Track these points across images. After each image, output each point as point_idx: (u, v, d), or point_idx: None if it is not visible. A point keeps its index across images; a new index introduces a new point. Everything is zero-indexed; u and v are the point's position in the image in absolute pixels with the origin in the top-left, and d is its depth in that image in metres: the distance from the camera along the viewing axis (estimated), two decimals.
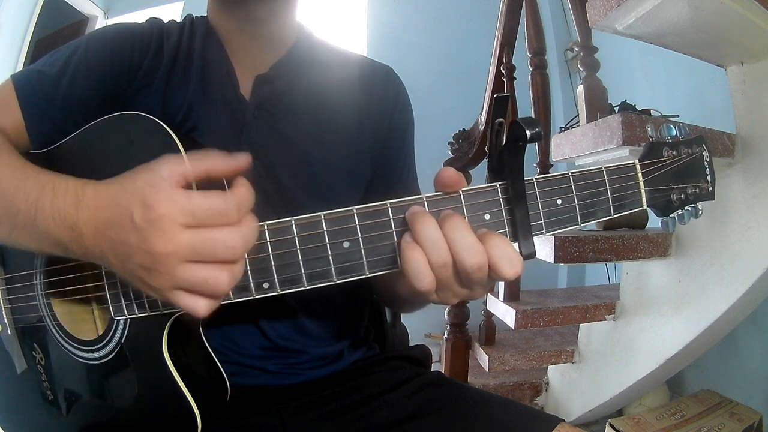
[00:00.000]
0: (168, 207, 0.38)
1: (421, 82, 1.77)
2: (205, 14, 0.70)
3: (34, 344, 0.63)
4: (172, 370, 0.52)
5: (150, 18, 0.69)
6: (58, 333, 0.60)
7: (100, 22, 3.07)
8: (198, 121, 0.64)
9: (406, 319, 0.89)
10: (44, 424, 0.65)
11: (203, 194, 0.39)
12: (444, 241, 0.41)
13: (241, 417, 0.64)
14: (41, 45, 2.71)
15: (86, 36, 0.65)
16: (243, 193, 0.41)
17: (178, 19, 0.71)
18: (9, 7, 2.54)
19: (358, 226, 0.44)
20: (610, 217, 0.47)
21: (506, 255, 0.41)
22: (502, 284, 1.59)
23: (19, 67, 2.62)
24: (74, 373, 0.60)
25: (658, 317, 1.44)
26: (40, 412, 0.64)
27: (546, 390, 1.91)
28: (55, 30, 2.88)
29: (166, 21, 0.69)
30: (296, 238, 0.45)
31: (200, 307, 0.41)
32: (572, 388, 1.78)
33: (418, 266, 0.41)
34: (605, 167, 0.46)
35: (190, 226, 0.39)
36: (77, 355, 0.58)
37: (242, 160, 0.43)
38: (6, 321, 0.63)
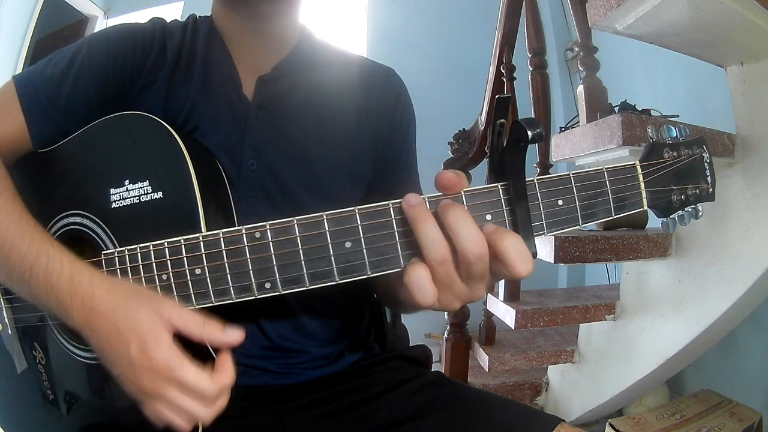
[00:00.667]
0: (162, 365, 0.44)
1: (421, 82, 1.77)
2: (208, 14, 0.70)
3: (35, 344, 0.63)
4: None
5: (152, 18, 0.69)
6: (59, 332, 0.60)
7: (100, 22, 3.07)
8: (200, 121, 0.64)
9: (406, 319, 0.89)
10: (44, 424, 0.65)
11: (195, 371, 0.45)
12: (443, 237, 0.42)
13: (242, 417, 0.64)
14: (41, 45, 2.70)
15: (89, 37, 0.65)
16: (225, 381, 0.47)
17: (179, 19, 0.71)
18: (9, 7, 2.54)
19: (360, 226, 0.44)
20: (610, 218, 0.47)
21: (522, 252, 0.41)
22: (502, 284, 1.59)
23: (19, 67, 2.62)
24: (75, 373, 0.60)
25: (658, 317, 1.44)
26: (41, 412, 0.64)
27: (546, 390, 1.91)
28: (55, 30, 2.88)
29: (168, 21, 0.69)
30: (298, 238, 0.45)
31: (159, 424, 0.47)
32: (572, 388, 1.78)
33: (422, 281, 0.42)
34: (606, 168, 0.46)
35: (173, 387, 0.45)
36: (78, 355, 0.58)
37: (235, 337, 0.48)
38: (6, 320, 0.63)
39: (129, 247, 0.51)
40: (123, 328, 0.45)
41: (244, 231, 0.47)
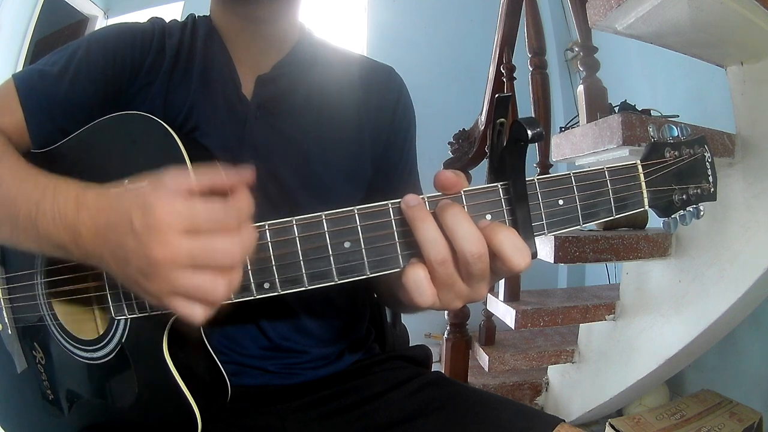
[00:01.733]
0: (167, 212, 0.38)
1: (421, 82, 1.77)
2: (207, 14, 0.70)
3: (35, 344, 0.63)
4: (172, 370, 0.52)
5: (152, 17, 0.69)
6: (59, 332, 0.60)
7: (100, 22, 3.07)
8: (199, 120, 0.64)
9: (406, 319, 0.89)
10: (44, 424, 0.65)
11: (203, 201, 0.39)
12: (442, 238, 0.41)
13: (242, 417, 0.64)
14: (41, 45, 2.70)
15: (87, 36, 0.65)
16: (243, 201, 0.41)
17: (179, 19, 0.71)
18: (9, 7, 2.53)
19: (359, 227, 0.44)
20: (611, 218, 0.47)
21: (517, 246, 0.41)
22: (502, 284, 1.59)
23: (19, 67, 2.62)
24: (74, 373, 0.60)
25: (658, 317, 1.44)
26: (41, 412, 0.64)
27: (546, 390, 1.91)
28: (55, 30, 2.88)
29: (167, 20, 0.69)
30: (297, 238, 0.45)
31: (197, 313, 0.41)
32: (572, 388, 1.78)
33: (420, 282, 0.42)
34: (607, 167, 0.46)
35: (189, 232, 0.39)
36: (78, 355, 0.58)
37: (246, 172, 0.43)
38: (6, 320, 0.63)
39: None
40: (126, 204, 0.40)
41: None
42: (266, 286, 0.46)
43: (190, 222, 0.38)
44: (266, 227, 0.45)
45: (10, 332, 0.63)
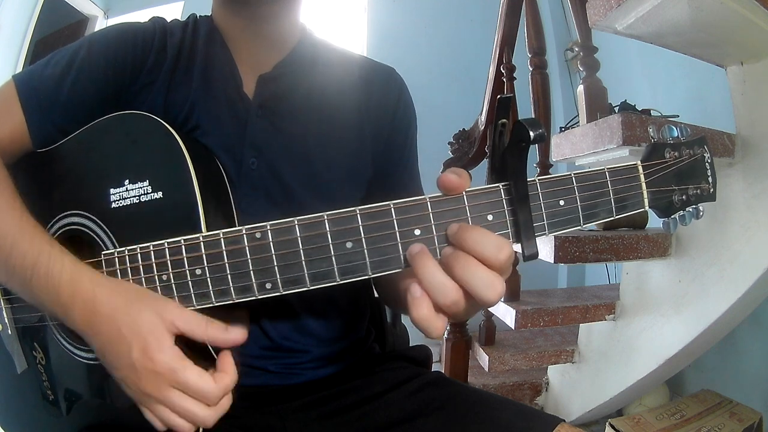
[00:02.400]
0: (165, 367, 0.45)
1: (421, 82, 1.77)
2: (208, 14, 0.70)
3: (35, 344, 0.63)
4: None
5: (153, 17, 0.69)
6: (59, 333, 0.60)
7: (100, 22, 3.07)
8: (200, 119, 0.64)
9: (406, 319, 0.89)
10: (44, 424, 0.65)
11: (198, 373, 0.45)
12: (449, 280, 0.41)
13: (242, 417, 0.64)
14: (41, 45, 2.70)
15: (88, 36, 0.65)
16: (228, 382, 0.48)
17: (179, 19, 0.71)
18: (9, 7, 2.53)
19: (361, 227, 0.44)
20: (612, 218, 0.47)
21: (489, 241, 0.41)
22: None
23: (19, 67, 2.62)
24: (75, 373, 0.60)
25: (658, 317, 1.44)
26: (41, 412, 0.64)
27: (546, 390, 1.91)
28: (55, 30, 2.88)
29: (168, 20, 0.69)
30: (299, 238, 0.45)
31: (158, 426, 0.47)
32: (572, 388, 1.78)
33: (428, 322, 0.42)
34: (608, 168, 0.46)
35: (177, 389, 0.45)
36: (78, 355, 0.58)
37: (238, 336, 0.48)
38: (6, 320, 0.63)
39: (129, 248, 0.51)
40: (125, 330, 0.45)
41: (244, 231, 0.46)
42: (268, 286, 0.46)
43: (181, 385, 0.45)
44: (268, 227, 0.45)
45: (10, 332, 0.63)
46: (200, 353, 0.48)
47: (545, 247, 1.34)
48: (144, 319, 0.45)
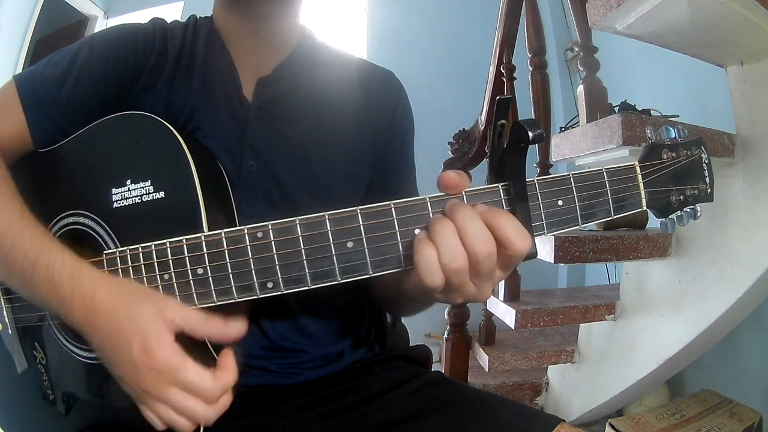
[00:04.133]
0: (165, 365, 0.44)
1: (421, 82, 1.77)
2: (208, 15, 0.70)
3: (35, 343, 0.63)
4: None
5: (153, 18, 0.69)
6: (59, 332, 0.60)
7: (100, 22, 3.07)
8: (201, 121, 0.64)
9: (406, 319, 0.89)
10: (44, 424, 0.65)
11: (198, 370, 0.45)
12: (461, 245, 0.42)
13: (242, 417, 0.64)
14: (41, 45, 2.70)
15: (89, 37, 0.65)
16: (228, 380, 0.47)
17: (179, 20, 0.71)
18: (9, 7, 2.53)
19: (362, 226, 0.45)
20: (610, 218, 0.47)
21: (518, 230, 0.42)
22: (502, 284, 1.59)
23: (19, 67, 2.62)
24: (75, 373, 0.60)
25: (658, 317, 1.44)
26: (41, 412, 0.64)
27: (546, 390, 1.91)
28: (55, 30, 2.88)
29: (168, 21, 0.70)
30: (300, 237, 0.45)
31: (157, 424, 0.47)
32: (572, 388, 1.78)
33: (432, 261, 0.42)
34: (606, 168, 0.47)
35: (177, 386, 0.45)
36: (78, 355, 0.58)
37: (238, 330, 0.48)
38: (6, 320, 0.63)
39: (130, 247, 0.51)
40: (125, 327, 0.45)
41: (246, 231, 0.47)
42: (269, 285, 0.47)
43: (181, 383, 0.45)
44: (269, 227, 0.45)
45: (10, 332, 0.63)
46: (200, 352, 0.48)
47: (545, 247, 1.34)
48: (144, 317, 0.45)
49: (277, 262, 0.46)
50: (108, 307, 0.46)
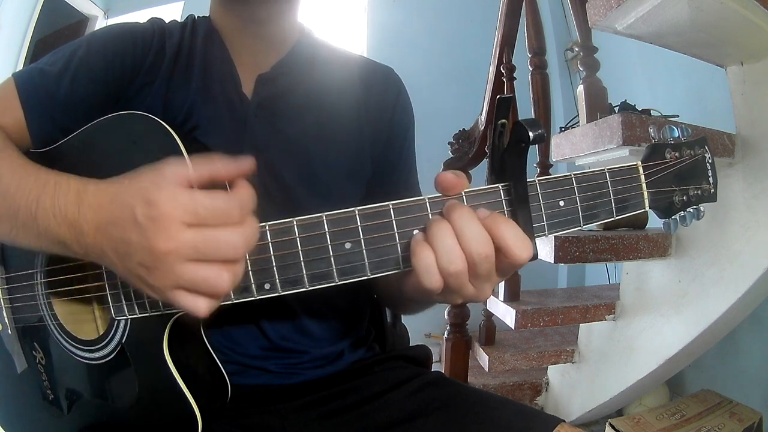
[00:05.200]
0: (171, 205, 0.38)
1: (421, 82, 1.77)
2: (206, 14, 0.70)
3: (35, 344, 0.63)
4: (172, 370, 0.52)
5: (151, 18, 0.69)
6: (59, 333, 0.60)
7: (100, 22, 3.07)
8: (199, 119, 0.64)
9: (406, 319, 0.89)
10: (44, 424, 0.65)
11: (206, 194, 0.39)
12: (460, 248, 0.41)
13: (242, 417, 0.64)
14: (41, 45, 2.70)
15: (88, 35, 0.65)
16: (245, 193, 0.41)
17: (179, 19, 0.71)
18: (9, 7, 2.53)
19: (360, 227, 0.44)
20: (612, 219, 0.47)
21: (519, 237, 0.41)
22: (502, 284, 1.59)
23: (19, 67, 2.62)
24: (75, 373, 0.60)
25: (658, 317, 1.44)
26: (41, 412, 0.64)
27: (546, 390, 1.91)
28: (55, 30, 2.88)
29: (167, 21, 0.69)
30: (298, 238, 0.45)
31: (201, 306, 0.41)
32: (572, 388, 1.78)
33: (429, 264, 0.42)
34: (608, 168, 0.46)
35: (192, 225, 0.39)
36: (78, 355, 0.58)
37: (245, 163, 0.43)
38: (6, 320, 0.63)
39: None
40: (127, 195, 0.40)
41: None
42: (267, 286, 0.46)
43: (194, 214, 0.38)
44: (266, 228, 0.45)
45: (10, 332, 0.63)
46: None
47: (545, 247, 1.34)
48: (143, 177, 0.41)
49: (274, 264, 0.45)
50: (112, 192, 0.42)
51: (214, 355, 0.58)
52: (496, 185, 0.45)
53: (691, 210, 0.49)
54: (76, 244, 0.44)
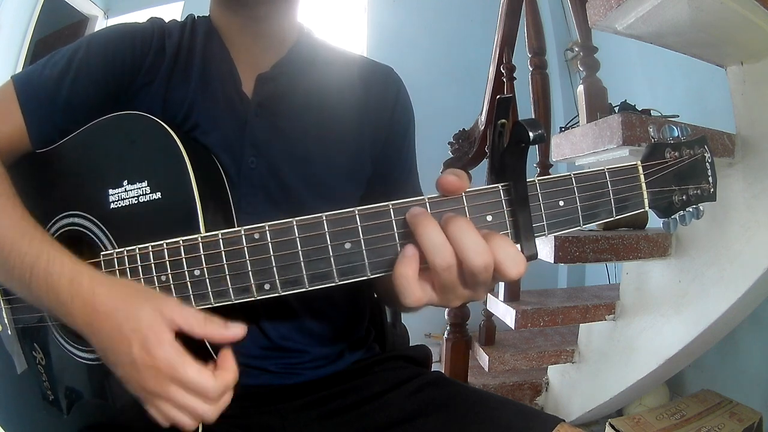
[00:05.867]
0: (165, 364, 0.44)
1: (421, 82, 1.77)
2: (206, 14, 0.70)
3: (35, 344, 0.63)
4: None
5: (151, 17, 0.69)
6: (59, 333, 0.60)
7: (100, 22, 3.07)
8: (199, 119, 0.64)
9: (406, 319, 0.89)
10: (44, 424, 0.65)
11: (197, 369, 0.45)
12: (447, 243, 0.41)
13: (242, 417, 0.64)
14: (41, 45, 2.70)
15: (87, 36, 0.65)
16: (228, 378, 0.47)
17: (179, 19, 0.71)
18: (9, 7, 2.53)
19: (359, 227, 0.44)
20: (611, 219, 0.47)
21: (511, 255, 0.41)
22: (502, 284, 1.59)
23: (19, 67, 2.61)
24: (74, 374, 0.60)
25: (658, 317, 1.44)
26: (41, 412, 0.64)
27: (546, 390, 1.91)
28: (55, 30, 2.88)
29: (167, 21, 0.69)
30: (297, 239, 0.45)
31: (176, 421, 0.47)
32: (572, 388, 1.78)
33: (407, 283, 0.42)
34: (608, 168, 0.46)
35: (178, 384, 0.45)
36: (77, 356, 0.58)
37: (237, 330, 0.48)
38: (6, 321, 0.63)
39: (128, 248, 0.51)
40: (125, 327, 0.45)
41: (243, 232, 0.46)
42: (266, 287, 0.46)
43: (181, 381, 0.45)
44: (266, 228, 0.45)
45: (9, 333, 0.63)
46: (199, 351, 0.48)
47: (545, 247, 1.34)
48: (143, 316, 0.45)
49: (274, 264, 0.45)
50: (108, 308, 0.46)
51: (213, 354, 0.58)
52: (496, 185, 0.45)
53: (691, 209, 0.49)
54: (66, 321, 0.49)
